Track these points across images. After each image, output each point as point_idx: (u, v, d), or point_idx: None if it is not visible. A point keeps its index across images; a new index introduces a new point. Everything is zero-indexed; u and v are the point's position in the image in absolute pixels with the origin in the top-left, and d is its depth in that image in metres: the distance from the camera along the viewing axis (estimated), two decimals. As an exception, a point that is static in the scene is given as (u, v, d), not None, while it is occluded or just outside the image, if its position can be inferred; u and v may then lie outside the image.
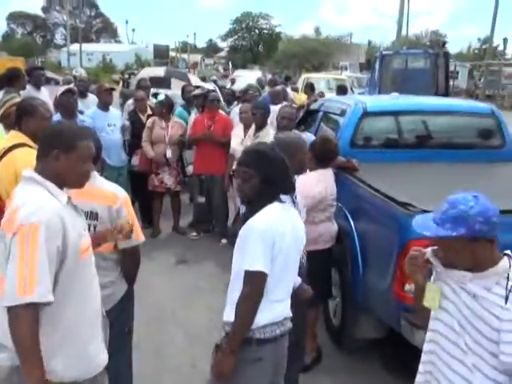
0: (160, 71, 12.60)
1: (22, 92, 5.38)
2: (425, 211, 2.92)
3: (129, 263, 2.66)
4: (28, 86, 6.06)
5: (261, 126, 5.21)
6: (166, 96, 6.54)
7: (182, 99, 7.95)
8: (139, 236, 2.59)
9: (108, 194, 2.51)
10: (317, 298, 3.79)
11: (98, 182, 2.54)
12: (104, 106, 6.03)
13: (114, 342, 2.38)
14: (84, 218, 2.22)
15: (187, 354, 3.86)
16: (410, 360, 3.48)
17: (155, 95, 7.51)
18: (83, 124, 4.76)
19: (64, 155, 1.96)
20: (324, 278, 3.76)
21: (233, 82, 15.81)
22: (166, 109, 6.21)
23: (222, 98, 7.65)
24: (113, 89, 6.56)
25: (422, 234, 2.86)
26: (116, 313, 2.57)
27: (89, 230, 2.39)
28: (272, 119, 5.36)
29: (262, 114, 5.20)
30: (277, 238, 2.20)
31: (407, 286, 2.95)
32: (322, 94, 9.61)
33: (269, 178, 2.25)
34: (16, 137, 3.09)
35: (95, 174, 2.52)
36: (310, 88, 9.42)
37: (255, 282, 2.18)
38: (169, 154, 6.15)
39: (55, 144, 1.97)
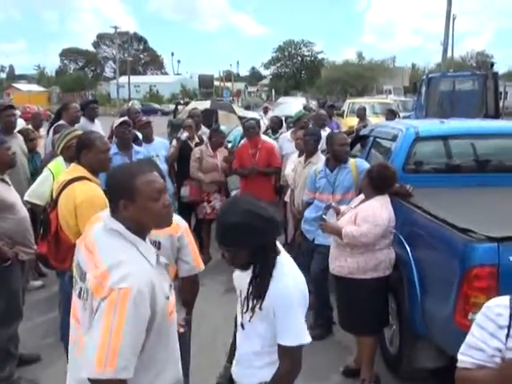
0: (206, 104, 12.26)
1: (76, 125, 5.60)
2: (488, 237, 2.86)
3: (188, 291, 2.72)
4: (82, 119, 6.29)
5: (312, 153, 5.20)
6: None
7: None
8: (199, 265, 2.66)
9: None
10: (374, 326, 3.76)
11: None
12: (145, 138, 6.15)
13: None
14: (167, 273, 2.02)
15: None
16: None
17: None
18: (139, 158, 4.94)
19: (130, 202, 1.77)
20: (382, 306, 3.74)
21: (266, 111, 13.86)
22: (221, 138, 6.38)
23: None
24: (149, 122, 6.68)
25: (485, 262, 2.83)
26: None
27: None
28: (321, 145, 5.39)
29: (314, 141, 5.19)
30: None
31: (470, 315, 2.86)
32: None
33: (260, 245, 1.95)
34: (75, 170, 3.23)
35: None
36: (363, 111, 9.38)
37: (298, 356, 2.00)
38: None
39: (117, 193, 1.80)
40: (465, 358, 1.61)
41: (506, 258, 2.79)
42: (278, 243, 2.05)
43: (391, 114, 9.05)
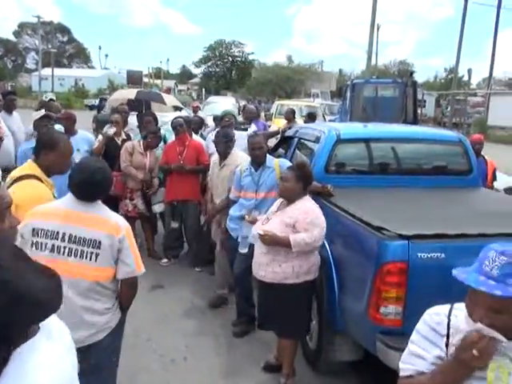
0: (133, 93, 11.37)
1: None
2: (399, 235, 3.03)
3: (126, 293, 2.68)
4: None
5: (225, 155, 5.22)
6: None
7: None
8: (140, 268, 2.64)
9: (111, 223, 2.54)
10: (304, 329, 3.82)
11: (101, 210, 2.58)
12: (66, 131, 5.91)
13: (103, 370, 2.38)
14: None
15: (163, 381, 3.82)
16: (386, 382, 3.55)
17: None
18: None
19: None
20: (309, 309, 3.80)
21: (195, 110, 12.25)
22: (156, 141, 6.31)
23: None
24: (70, 114, 6.42)
25: (396, 258, 2.99)
26: (109, 340, 2.58)
27: (90, 258, 2.45)
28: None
29: (225, 143, 5.17)
30: None
31: (382, 309, 3.02)
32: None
33: None
34: (29, 167, 3.05)
35: (99, 203, 2.57)
36: (291, 114, 9.52)
37: None
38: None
39: None
40: (406, 365, 1.65)
41: (414, 255, 2.97)
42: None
43: (310, 118, 9.28)
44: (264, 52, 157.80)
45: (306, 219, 3.49)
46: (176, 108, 11.88)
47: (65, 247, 2.46)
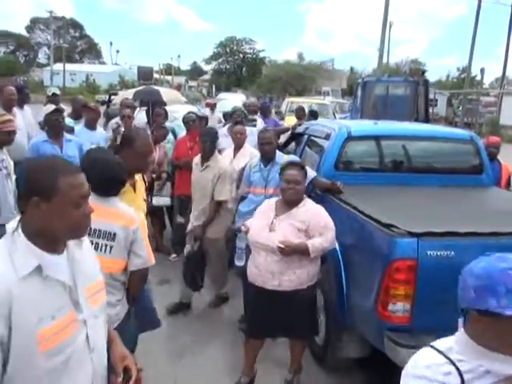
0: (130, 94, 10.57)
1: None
2: (409, 232, 3.02)
3: (137, 284, 2.71)
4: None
5: (208, 156, 4.84)
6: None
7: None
8: (152, 259, 2.66)
9: (126, 216, 2.57)
10: (316, 330, 3.71)
11: (116, 203, 2.61)
12: (90, 124, 6.05)
13: None
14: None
15: (169, 376, 3.85)
16: (393, 379, 3.55)
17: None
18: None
19: (44, 202, 1.52)
20: (316, 311, 3.72)
21: (212, 108, 11.27)
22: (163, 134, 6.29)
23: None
24: (97, 108, 6.60)
25: (405, 255, 2.98)
26: (119, 329, 2.61)
27: (105, 250, 2.47)
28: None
29: (211, 142, 4.83)
30: None
31: (391, 306, 3.01)
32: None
33: None
34: None
35: (115, 197, 2.61)
36: (301, 111, 9.52)
37: None
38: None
39: (32, 189, 1.53)
40: None
41: (424, 252, 2.96)
42: None
43: (312, 116, 9.30)
44: (275, 49, 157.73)
45: (320, 223, 3.38)
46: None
47: None
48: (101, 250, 2.49)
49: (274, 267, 3.33)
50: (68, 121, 6.08)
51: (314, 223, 3.36)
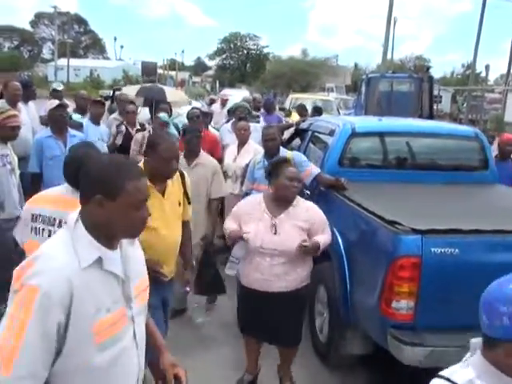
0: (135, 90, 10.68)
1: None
2: (413, 229, 3.01)
3: None
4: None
5: (196, 153, 4.50)
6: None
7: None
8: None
9: None
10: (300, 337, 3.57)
11: None
12: (96, 119, 6.05)
13: None
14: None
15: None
16: (396, 377, 3.55)
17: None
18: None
19: (109, 201, 1.58)
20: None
21: (223, 103, 11.13)
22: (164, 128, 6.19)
23: None
24: (103, 102, 6.60)
25: (409, 253, 2.97)
26: None
27: None
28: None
29: (197, 138, 4.51)
30: None
31: (394, 303, 3.01)
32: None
33: None
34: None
35: None
36: (302, 109, 9.53)
37: None
38: None
39: (96, 186, 1.59)
40: None
41: (428, 250, 2.95)
42: None
43: (316, 112, 9.28)
44: (279, 45, 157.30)
45: (322, 220, 3.36)
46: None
47: None
48: None
49: (279, 269, 3.27)
50: (76, 116, 6.07)
51: (318, 221, 3.34)
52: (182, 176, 3.27)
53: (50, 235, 2.46)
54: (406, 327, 3.04)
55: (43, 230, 2.51)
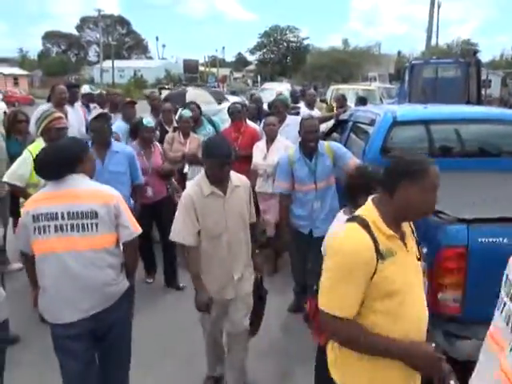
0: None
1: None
2: (458, 219, 2.92)
3: (131, 256, 2.84)
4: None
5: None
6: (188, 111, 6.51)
7: None
8: (137, 229, 2.79)
9: (103, 194, 2.70)
10: None
11: (91, 184, 2.73)
12: (127, 119, 6.11)
13: (121, 326, 2.82)
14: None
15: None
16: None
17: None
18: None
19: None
20: None
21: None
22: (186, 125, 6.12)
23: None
24: (134, 102, 6.66)
25: (455, 243, 2.88)
26: (123, 305, 2.82)
27: (91, 229, 2.62)
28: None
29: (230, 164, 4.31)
30: None
31: (440, 295, 2.93)
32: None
33: None
34: None
35: (85, 178, 2.72)
36: (342, 98, 9.40)
37: None
38: (186, 169, 6.05)
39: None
40: None
41: (474, 239, 2.85)
42: None
43: (361, 102, 9.11)
44: (320, 37, 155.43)
45: None
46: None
47: (67, 224, 2.59)
48: (88, 229, 2.60)
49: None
50: (118, 125, 5.96)
51: None
52: None
53: (56, 230, 2.58)
54: (453, 320, 2.96)
55: (48, 226, 2.60)
